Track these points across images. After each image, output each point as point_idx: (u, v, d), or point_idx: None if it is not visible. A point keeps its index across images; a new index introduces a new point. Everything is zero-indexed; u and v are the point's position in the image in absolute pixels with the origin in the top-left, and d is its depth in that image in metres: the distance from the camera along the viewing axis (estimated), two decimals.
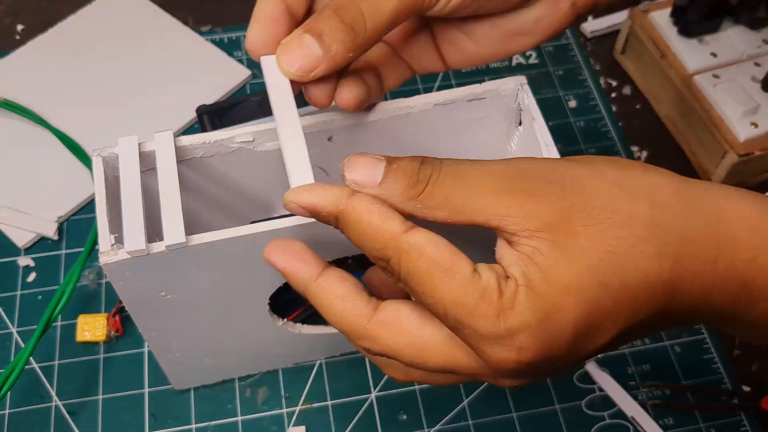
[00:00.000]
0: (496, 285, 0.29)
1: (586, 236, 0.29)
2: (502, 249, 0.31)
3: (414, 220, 0.31)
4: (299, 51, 0.34)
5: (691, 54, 0.61)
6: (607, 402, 0.52)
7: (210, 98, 0.63)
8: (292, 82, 0.35)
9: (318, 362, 0.52)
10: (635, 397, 0.51)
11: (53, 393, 0.51)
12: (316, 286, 0.33)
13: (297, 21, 0.36)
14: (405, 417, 0.51)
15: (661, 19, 0.63)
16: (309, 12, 0.37)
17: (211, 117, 0.58)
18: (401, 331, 0.32)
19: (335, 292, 0.33)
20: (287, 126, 0.35)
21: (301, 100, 0.49)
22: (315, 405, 0.51)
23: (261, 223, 0.36)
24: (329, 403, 0.51)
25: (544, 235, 0.29)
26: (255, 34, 0.35)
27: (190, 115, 0.62)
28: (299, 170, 0.33)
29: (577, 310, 0.29)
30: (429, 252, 0.29)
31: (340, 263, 0.44)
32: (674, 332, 0.54)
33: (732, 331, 0.33)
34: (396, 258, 0.30)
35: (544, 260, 0.29)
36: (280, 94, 0.35)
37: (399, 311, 0.32)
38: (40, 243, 0.57)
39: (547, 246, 0.29)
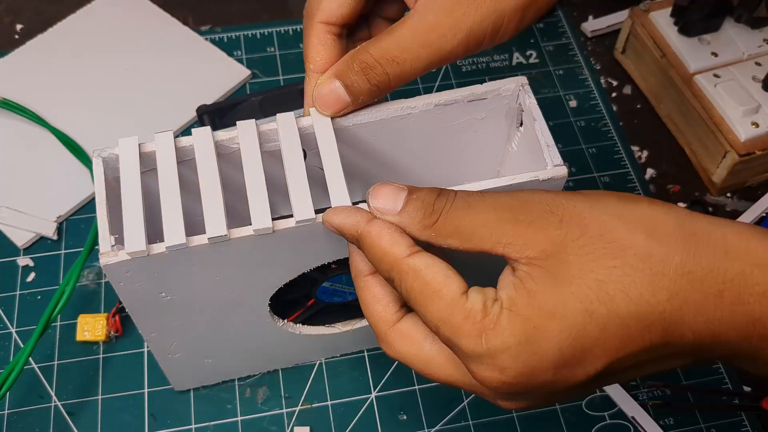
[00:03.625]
0: (482, 306, 0.31)
1: (578, 265, 0.30)
2: (504, 273, 0.33)
3: (432, 248, 0.33)
4: (330, 95, 0.38)
5: (691, 53, 0.61)
6: (607, 402, 0.52)
7: (210, 98, 0.63)
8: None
9: (318, 362, 0.52)
10: (636, 397, 0.51)
11: (53, 393, 0.51)
12: (362, 282, 0.36)
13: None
14: (405, 417, 0.51)
15: (662, 18, 0.63)
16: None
17: (211, 117, 0.58)
18: (413, 342, 0.35)
19: (373, 293, 0.36)
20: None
21: (302, 102, 0.49)
22: (315, 405, 0.51)
23: None
24: (329, 403, 0.51)
25: (539, 263, 0.31)
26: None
27: (190, 115, 0.62)
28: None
29: (561, 335, 0.30)
30: (424, 274, 0.32)
31: (341, 263, 0.44)
32: None
33: (753, 367, 0.32)
34: (398, 279, 0.33)
35: (534, 285, 0.31)
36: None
37: (416, 324, 0.35)
38: (40, 243, 0.57)
39: (539, 272, 0.31)
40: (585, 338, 0.30)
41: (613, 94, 0.68)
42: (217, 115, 0.56)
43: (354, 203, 0.37)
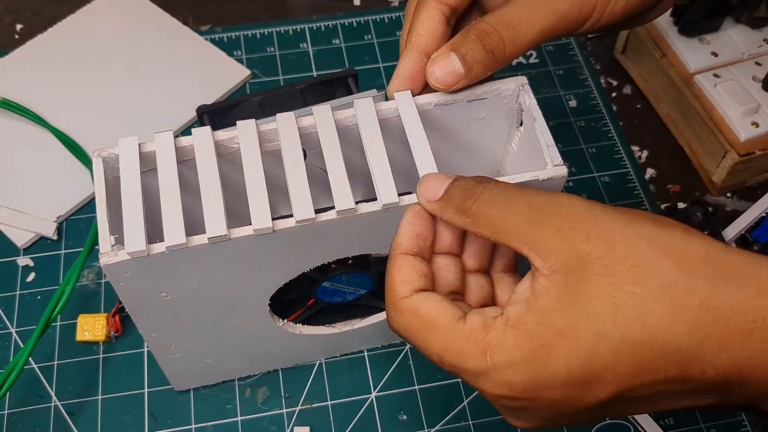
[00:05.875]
0: (482, 326, 0.31)
1: (597, 284, 0.29)
2: (524, 281, 0.33)
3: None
4: (446, 68, 0.39)
5: (691, 53, 0.61)
6: None
7: (210, 98, 0.63)
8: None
9: (318, 362, 0.52)
10: None
11: (53, 393, 0.51)
12: (394, 255, 0.36)
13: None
14: (405, 417, 0.51)
15: (662, 18, 0.63)
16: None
17: (211, 117, 0.58)
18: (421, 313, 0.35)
19: (398, 266, 0.36)
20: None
21: (302, 102, 0.49)
22: (315, 405, 0.51)
23: None
24: (329, 403, 0.51)
25: (558, 276, 0.30)
26: (397, 87, 0.41)
27: (190, 115, 0.62)
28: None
29: (570, 354, 0.30)
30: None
31: (341, 263, 0.44)
32: None
33: None
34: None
35: (547, 303, 0.30)
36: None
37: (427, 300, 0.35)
38: (40, 243, 0.57)
39: (556, 287, 0.30)
40: (595, 361, 0.29)
41: (613, 94, 0.68)
42: (217, 115, 0.56)
43: (355, 202, 0.37)
